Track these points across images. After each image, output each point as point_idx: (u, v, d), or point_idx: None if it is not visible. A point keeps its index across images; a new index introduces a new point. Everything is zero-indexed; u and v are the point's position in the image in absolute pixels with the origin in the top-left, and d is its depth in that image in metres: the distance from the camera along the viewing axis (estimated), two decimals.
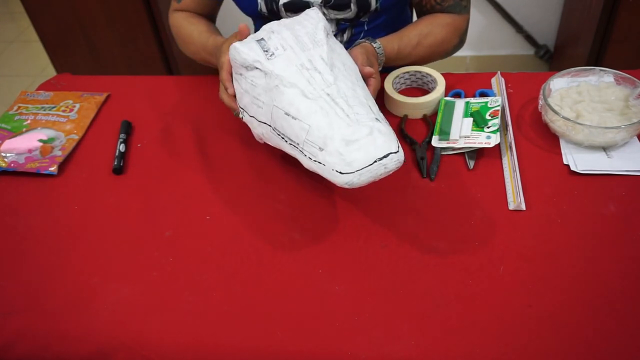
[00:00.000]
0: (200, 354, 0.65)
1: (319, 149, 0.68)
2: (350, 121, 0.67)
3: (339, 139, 0.66)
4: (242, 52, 0.75)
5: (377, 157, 0.65)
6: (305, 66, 0.72)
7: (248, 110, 0.78)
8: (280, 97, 0.72)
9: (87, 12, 1.98)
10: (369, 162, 0.65)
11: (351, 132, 0.66)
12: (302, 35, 0.76)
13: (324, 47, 0.75)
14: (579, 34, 1.93)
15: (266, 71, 0.73)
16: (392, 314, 0.66)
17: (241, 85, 0.78)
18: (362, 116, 0.68)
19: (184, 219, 0.80)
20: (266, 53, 0.74)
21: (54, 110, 1.02)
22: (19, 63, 2.81)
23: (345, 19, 1.00)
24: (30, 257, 0.77)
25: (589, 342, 0.61)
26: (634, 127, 0.80)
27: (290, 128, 0.71)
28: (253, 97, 0.76)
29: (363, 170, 0.65)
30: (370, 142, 0.66)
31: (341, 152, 0.66)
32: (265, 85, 0.74)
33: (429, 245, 0.73)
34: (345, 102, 0.69)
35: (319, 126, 0.68)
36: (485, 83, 1.00)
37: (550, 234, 0.73)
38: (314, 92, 0.70)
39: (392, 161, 0.66)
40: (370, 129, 0.66)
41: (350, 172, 0.65)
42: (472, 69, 2.35)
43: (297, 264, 0.73)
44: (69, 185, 0.88)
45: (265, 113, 0.75)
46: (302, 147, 0.70)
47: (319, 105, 0.69)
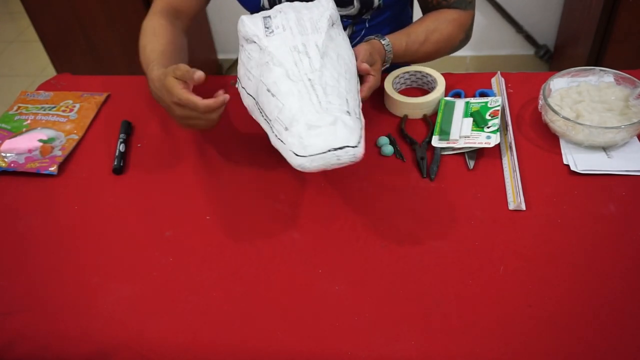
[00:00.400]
0: (200, 354, 0.65)
1: (285, 129, 0.70)
2: (320, 108, 0.69)
3: (304, 122, 0.68)
4: (246, 25, 0.80)
5: (332, 147, 0.66)
6: (298, 49, 0.75)
7: (241, 81, 0.81)
8: (267, 73, 0.75)
9: (87, 12, 1.99)
10: (323, 150, 0.66)
11: (316, 118, 0.68)
12: (306, 19, 0.80)
13: (322, 34, 0.78)
14: (579, 34, 1.93)
15: (261, 46, 0.77)
16: (392, 314, 0.66)
17: (241, 56, 0.82)
18: (334, 106, 0.70)
19: (184, 219, 0.80)
20: (267, 30, 0.78)
21: (54, 110, 1.02)
22: (19, 63, 2.81)
23: (348, 15, 1.00)
24: (30, 257, 0.77)
25: (589, 342, 0.61)
26: (634, 127, 0.80)
27: (268, 104, 0.73)
28: (246, 69, 0.80)
29: (316, 156, 0.66)
30: (330, 132, 0.67)
31: (302, 135, 0.67)
32: (258, 59, 0.77)
33: (429, 245, 0.73)
34: (322, 90, 0.71)
35: (291, 107, 0.70)
36: (485, 83, 1.00)
37: (550, 234, 0.73)
38: (297, 75, 0.73)
39: (347, 154, 0.67)
40: (335, 119, 0.68)
41: (304, 155, 0.66)
42: (472, 69, 2.35)
43: (297, 264, 0.73)
44: (69, 185, 0.88)
45: (253, 86, 0.78)
46: (272, 124, 0.72)
47: (297, 88, 0.72)
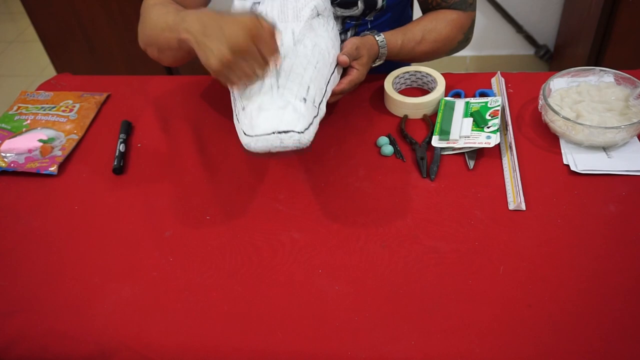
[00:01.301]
0: (200, 354, 0.65)
1: (242, 108, 0.73)
2: (276, 93, 0.71)
3: (257, 104, 0.71)
4: (235, 9, 0.83)
5: (277, 130, 0.68)
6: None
7: None
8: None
9: (87, 12, 1.99)
10: (267, 131, 0.68)
11: (269, 101, 0.70)
12: (289, 8, 0.81)
13: (301, 23, 0.80)
14: (579, 34, 1.93)
15: None
16: (392, 314, 0.66)
17: None
18: (290, 92, 0.72)
19: (184, 219, 0.80)
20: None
21: (54, 110, 1.02)
22: (19, 63, 2.81)
23: (352, 16, 1.00)
24: (30, 257, 0.77)
25: (589, 342, 0.61)
26: (634, 127, 0.80)
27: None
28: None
29: (261, 137, 0.68)
30: (278, 115, 0.69)
31: (252, 115, 0.70)
32: None
33: (429, 245, 0.73)
34: (285, 77, 0.73)
35: (253, 90, 0.73)
36: (485, 83, 1.00)
37: (550, 234, 0.73)
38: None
39: (291, 139, 0.68)
40: (286, 104, 0.70)
41: (250, 135, 0.69)
42: (472, 69, 2.35)
43: (297, 264, 0.73)
44: (69, 185, 0.88)
45: None
46: (235, 103, 0.76)
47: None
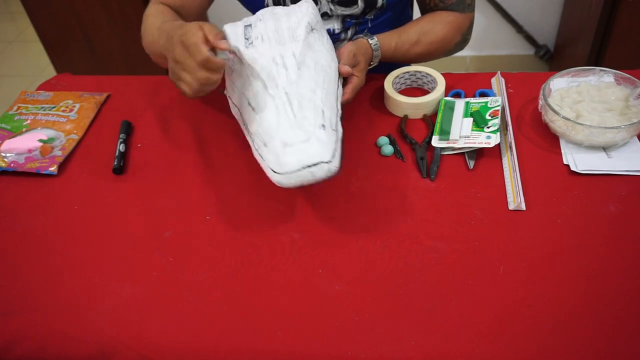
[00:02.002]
0: (200, 353, 0.65)
1: (264, 144, 0.72)
2: (295, 124, 0.70)
3: (279, 139, 0.70)
4: (229, 37, 0.79)
5: (306, 164, 0.68)
6: (276, 61, 0.76)
7: (228, 89, 0.83)
8: (248, 86, 0.77)
9: (87, 12, 1.99)
10: (297, 167, 0.68)
11: (291, 135, 0.70)
12: (284, 28, 0.80)
13: (300, 43, 0.78)
14: (579, 34, 1.93)
15: (242, 59, 0.77)
16: (392, 314, 0.66)
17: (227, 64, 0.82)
18: (308, 121, 0.71)
19: (184, 219, 0.80)
20: (247, 41, 0.78)
21: (54, 110, 1.02)
22: (19, 63, 2.81)
23: (352, 15, 1.00)
24: (30, 257, 0.77)
25: (589, 342, 0.61)
26: (634, 127, 0.80)
27: (249, 117, 0.76)
28: (231, 80, 0.81)
29: (292, 174, 0.68)
30: (303, 149, 0.68)
31: (278, 152, 0.69)
32: (240, 71, 0.78)
33: (429, 245, 0.73)
34: (298, 104, 0.72)
35: (269, 124, 0.72)
36: (485, 83, 1.00)
37: (550, 234, 0.73)
38: (274, 90, 0.74)
39: (322, 170, 0.68)
40: (308, 136, 0.69)
41: (281, 172, 0.69)
42: (472, 69, 2.35)
43: (297, 264, 0.73)
44: (69, 185, 0.88)
45: (237, 97, 0.80)
46: (253, 138, 0.75)
47: (275, 104, 0.73)
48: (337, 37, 1.03)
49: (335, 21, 1.01)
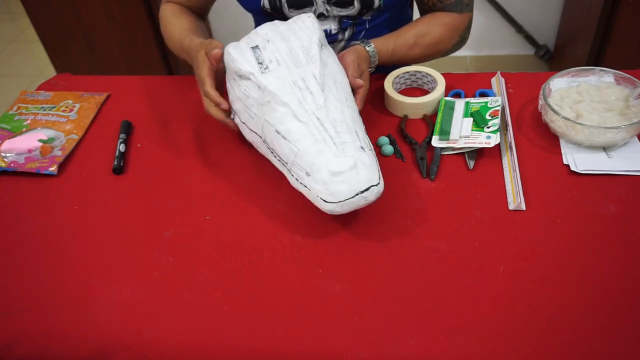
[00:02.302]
0: (200, 354, 0.65)
1: (306, 174, 0.72)
2: (337, 151, 0.71)
3: (326, 169, 0.70)
4: (237, 62, 0.77)
5: (359, 190, 0.70)
6: (298, 85, 0.75)
7: (240, 116, 0.80)
8: (272, 113, 0.74)
9: (87, 12, 1.99)
10: (351, 194, 0.70)
11: (337, 163, 0.70)
12: (297, 48, 0.78)
13: (317, 63, 0.77)
14: (579, 34, 1.93)
15: (259, 85, 0.75)
16: (392, 314, 0.66)
17: (234, 90, 0.80)
18: (348, 145, 0.72)
19: (184, 219, 0.80)
20: (260, 65, 0.76)
21: (54, 110, 1.02)
22: (19, 63, 2.81)
23: (348, 16, 1.00)
24: (30, 257, 0.77)
25: (589, 342, 0.61)
26: (634, 127, 0.80)
27: (280, 146, 0.74)
28: (245, 105, 0.78)
29: (345, 201, 0.70)
30: (353, 175, 0.70)
31: (326, 181, 0.70)
32: (258, 98, 0.76)
33: (429, 245, 0.73)
34: (333, 128, 0.73)
35: (308, 152, 0.72)
36: (485, 83, 1.00)
37: (550, 234, 0.73)
38: (304, 115, 0.73)
39: (373, 193, 0.71)
40: (354, 162, 0.70)
41: (333, 202, 0.70)
42: (472, 69, 2.35)
43: (297, 264, 0.73)
44: (69, 185, 0.88)
45: (256, 124, 0.77)
46: (290, 167, 0.74)
47: (309, 130, 0.72)
48: (334, 37, 1.03)
49: (331, 22, 1.01)
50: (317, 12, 0.99)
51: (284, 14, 0.99)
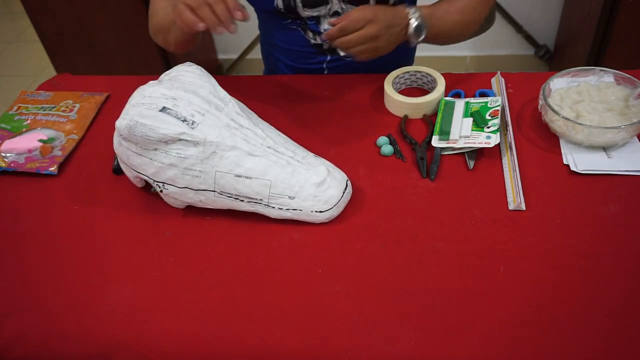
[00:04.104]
0: (200, 353, 0.65)
1: (290, 198, 0.74)
2: (306, 165, 0.76)
3: (309, 184, 0.74)
4: (160, 128, 0.72)
5: (343, 188, 0.77)
6: (232, 126, 0.75)
7: (176, 183, 0.76)
8: (222, 161, 0.74)
9: (87, 12, 1.99)
10: (340, 194, 0.76)
11: (315, 174, 0.75)
12: (206, 95, 0.77)
13: (233, 101, 0.78)
14: (579, 34, 1.93)
15: (196, 140, 0.73)
16: (392, 314, 0.66)
17: (160, 160, 0.74)
18: (308, 158, 0.78)
19: (184, 219, 0.80)
20: (186, 122, 0.73)
21: (54, 110, 1.02)
22: (19, 63, 2.81)
23: None
24: (30, 257, 0.77)
25: (589, 342, 0.61)
26: (634, 127, 0.80)
27: (247, 187, 0.74)
28: (184, 168, 0.74)
29: (339, 203, 0.76)
30: (333, 179, 0.76)
31: (315, 194, 0.74)
32: (199, 154, 0.73)
33: (429, 245, 0.73)
34: (287, 150, 0.77)
35: (281, 179, 0.74)
36: (485, 83, 1.00)
37: (550, 234, 0.73)
38: (257, 149, 0.75)
39: (349, 187, 0.79)
40: (325, 168, 0.76)
41: (329, 208, 0.75)
42: (472, 69, 2.35)
43: (297, 264, 0.73)
44: (69, 185, 0.88)
45: (204, 181, 0.75)
46: (269, 202, 0.75)
47: (270, 160, 0.74)
48: None
49: None
50: (332, 11, 0.98)
51: (298, 14, 0.99)
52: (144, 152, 0.75)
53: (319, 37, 1.03)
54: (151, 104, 0.74)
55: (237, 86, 1.06)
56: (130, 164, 0.78)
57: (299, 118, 0.96)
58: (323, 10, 0.98)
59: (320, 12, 0.98)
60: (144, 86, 0.78)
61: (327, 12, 0.99)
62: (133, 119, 0.73)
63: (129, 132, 0.73)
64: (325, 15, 0.99)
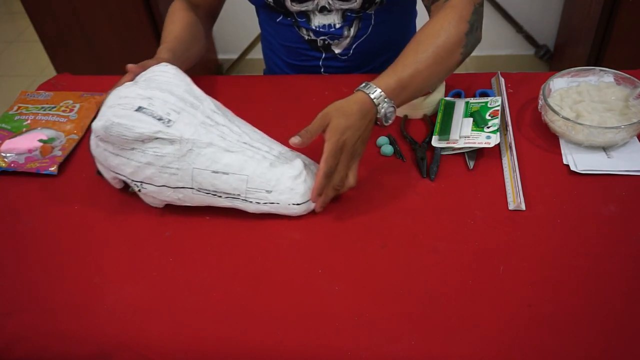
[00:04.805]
0: (200, 353, 0.65)
1: (267, 192, 0.75)
2: (282, 160, 0.77)
3: (286, 177, 0.76)
4: (136, 127, 0.72)
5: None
6: (208, 123, 0.76)
7: (154, 182, 0.76)
8: (199, 158, 0.74)
9: (87, 12, 1.99)
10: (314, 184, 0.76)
11: (291, 168, 0.76)
12: (182, 93, 0.77)
13: (209, 99, 0.79)
14: (579, 34, 1.93)
15: (172, 139, 0.73)
16: (392, 313, 0.66)
17: (138, 159, 0.74)
18: (285, 153, 0.79)
19: (184, 219, 0.80)
20: (162, 121, 0.73)
21: (54, 110, 1.02)
22: (19, 63, 2.81)
23: (352, 9, 0.99)
24: (30, 257, 0.77)
25: (589, 342, 0.61)
26: (634, 127, 0.80)
27: (225, 183, 0.75)
28: (161, 166, 0.74)
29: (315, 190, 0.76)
30: (309, 171, 0.78)
31: (292, 187, 0.75)
32: (176, 151, 0.74)
33: (429, 245, 0.73)
34: (263, 145, 0.78)
35: (258, 173, 0.75)
36: (485, 83, 1.00)
37: (550, 234, 0.73)
38: (234, 145, 0.75)
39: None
40: (301, 160, 0.78)
41: (306, 201, 0.76)
42: (472, 69, 2.35)
43: (297, 264, 0.73)
44: (69, 185, 0.88)
45: (182, 178, 0.75)
46: (246, 196, 0.76)
47: (246, 156, 0.75)
48: (339, 32, 1.03)
49: (335, 16, 1.00)
50: (319, 6, 0.99)
51: (287, 8, 0.99)
52: (121, 152, 0.75)
53: (312, 34, 1.02)
54: (127, 104, 0.74)
55: (237, 86, 1.06)
56: (108, 165, 0.78)
57: (299, 118, 0.96)
58: (310, 5, 0.98)
59: (308, 6, 0.99)
60: (119, 87, 0.79)
61: (315, 7, 0.99)
62: (109, 119, 0.73)
63: (106, 132, 0.73)
64: (313, 11, 1.00)
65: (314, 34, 1.03)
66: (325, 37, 1.03)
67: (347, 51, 1.05)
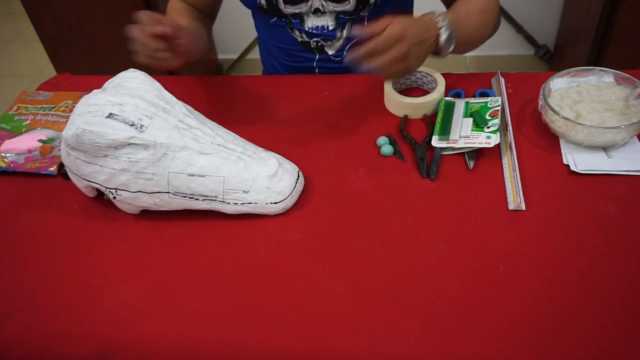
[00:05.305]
0: (200, 353, 0.65)
1: (244, 192, 0.76)
2: (257, 159, 0.77)
3: (262, 176, 0.76)
4: (109, 134, 0.72)
5: (295, 178, 0.79)
6: (181, 127, 0.76)
7: (129, 188, 0.75)
8: (174, 162, 0.74)
9: (87, 12, 1.99)
10: (293, 185, 0.78)
11: (266, 167, 0.77)
12: (152, 98, 0.77)
13: (180, 103, 0.79)
14: (579, 34, 1.93)
15: (146, 143, 0.73)
16: (392, 314, 0.66)
17: (111, 166, 0.74)
18: (258, 152, 0.79)
19: (184, 219, 0.80)
20: (134, 126, 0.73)
21: (54, 111, 1.02)
22: (19, 63, 2.81)
23: (345, 11, 0.99)
24: (31, 257, 0.77)
25: (589, 342, 0.61)
26: (634, 127, 0.80)
27: (202, 185, 0.75)
28: (136, 172, 0.74)
29: (293, 192, 0.78)
30: (285, 170, 0.78)
31: (268, 186, 0.76)
32: (150, 156, 0.73)
33: (429, 245, 0.73)
34: (237, 147, 0.78)
35: (234, 174, 0.75)
36: (485, 83, 1.00)
37: (550, 234, 0.73)
38: (208, 147, 0.75)
39: (301, 175, 0.81)
40: (277, 160, 0.78)
41: (283, 199, 0.77)
42: (472, 69, 2.35)
43: (297, 264, 0.73)
44: (69, 185, 0.88)
45: (157, 183, 0.75)
46: (223, 198, 0.76)
47: (221, 157, 0.75)
48: (332, 34, 1.03)
49: (328, 18, 1.00)
50: (312, 8, 0.99)
51: (280, 10, 1.00)
52: (94, 160, 0.74)
53: (305, 35, 1.02)
54: (97, 112, 0.73)
55: (236, 86, 1.06)
56: (80, 174, 0.77)
57: (299, 118, 0.96)
58: (304, 7, 0.98)
59: (302, 9, 0.99)
60: (87, 95, 0.78)
61: (309, 10, 0.99)
62: (80, 127, 0.72)
63: (77, 140, 0.72)
64: (307, 13, 1.00)
65: (307, 35, 1.03)
66: (319, 38, 1.04)
67: (341, 52, 1.06)
